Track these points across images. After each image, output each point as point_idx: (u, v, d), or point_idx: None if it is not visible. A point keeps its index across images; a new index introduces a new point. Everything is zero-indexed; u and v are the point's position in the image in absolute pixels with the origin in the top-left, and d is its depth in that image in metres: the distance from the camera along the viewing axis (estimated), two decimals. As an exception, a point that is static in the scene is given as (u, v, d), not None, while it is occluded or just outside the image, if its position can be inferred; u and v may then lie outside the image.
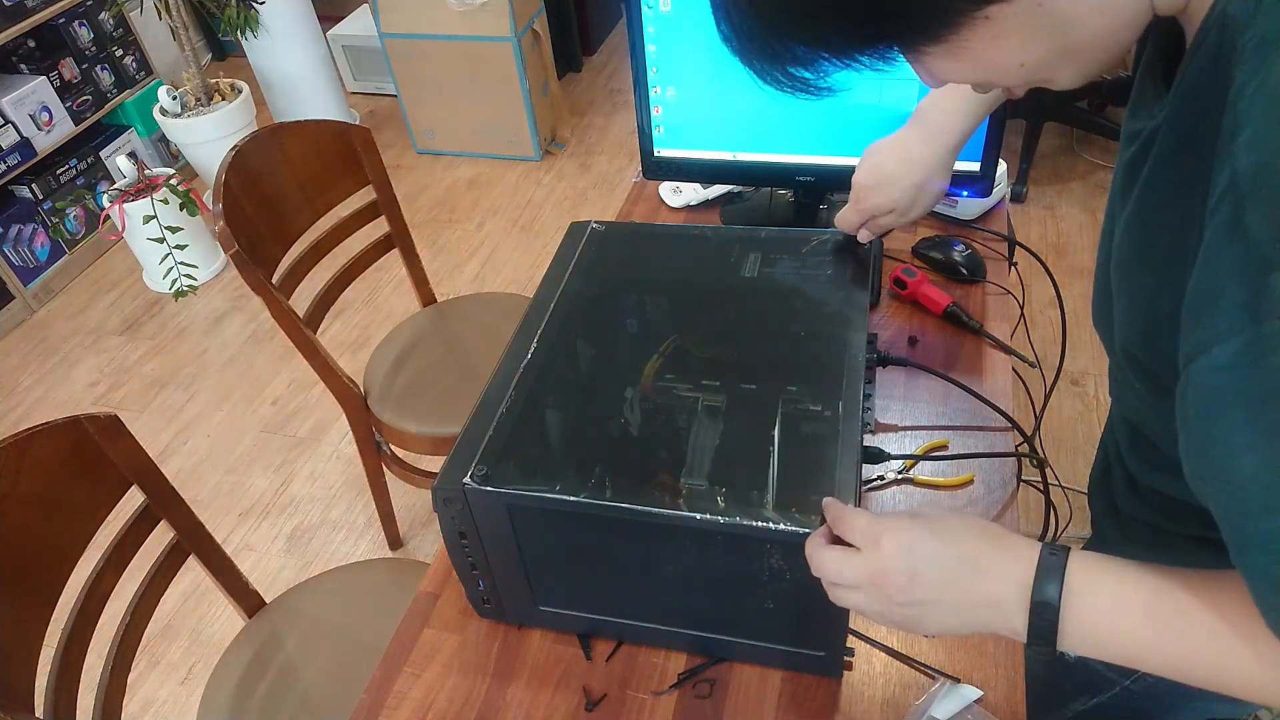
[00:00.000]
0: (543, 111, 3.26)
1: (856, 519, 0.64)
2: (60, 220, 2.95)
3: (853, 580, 0.63)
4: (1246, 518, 0.47)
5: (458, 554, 0.84)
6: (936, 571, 0.60)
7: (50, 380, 2.64)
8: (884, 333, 1.19)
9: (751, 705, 0.82)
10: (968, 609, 0.60)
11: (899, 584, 0.60)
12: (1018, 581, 0.57)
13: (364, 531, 2.10)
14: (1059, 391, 1.19)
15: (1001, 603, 0.58)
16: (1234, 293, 0.44)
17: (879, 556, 0.62)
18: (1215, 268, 0.45)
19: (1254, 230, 0.43)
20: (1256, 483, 0.45)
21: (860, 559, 0.63)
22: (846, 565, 0.63)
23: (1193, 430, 0.49)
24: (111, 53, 3.10)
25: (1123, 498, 0.82)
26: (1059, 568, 0.56)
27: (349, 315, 2.72)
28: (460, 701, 0.86)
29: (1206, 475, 0.49)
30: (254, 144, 1.51)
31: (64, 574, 1.03)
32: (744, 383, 0.83)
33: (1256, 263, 0.43)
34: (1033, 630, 0.57)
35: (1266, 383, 0.43)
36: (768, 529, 0.70)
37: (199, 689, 1.24)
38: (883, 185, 0.98)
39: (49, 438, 0.99)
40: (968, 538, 0.61)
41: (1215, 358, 0.45)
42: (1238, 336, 0.44)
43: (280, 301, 1.44)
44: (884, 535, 0.62)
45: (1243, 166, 0.44)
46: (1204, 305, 0.46)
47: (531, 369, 0.87)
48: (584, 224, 1.06)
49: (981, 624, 0.60)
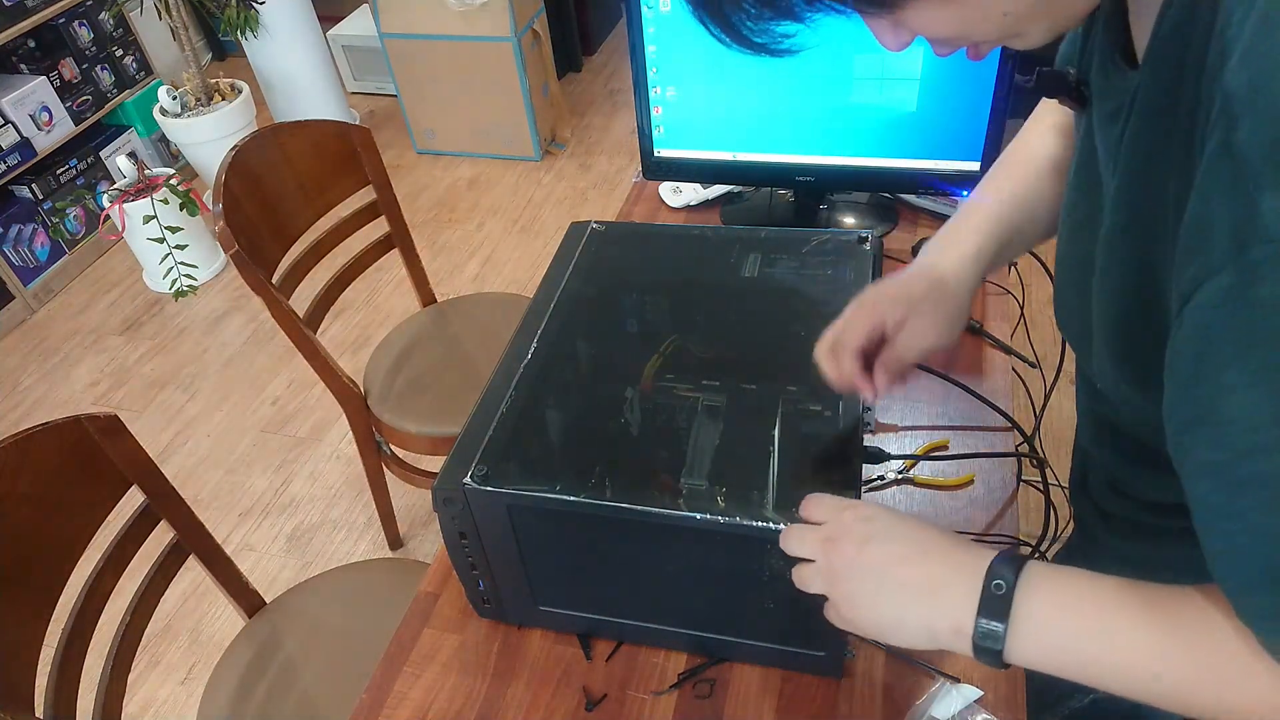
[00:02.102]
0: (543, 111, 3.26)
1: (825, 498, 0.64)
2: (60, 220, 2.95)
3: (810, 551, 0.62)
4: (1238, 458, 0.43)
5: (458, 554, 0.84)
6: (889, 544, 0.59)
7: (50, 380, 2.64)
8: (884, 333, 1.19)
9: (751, 705, 0.82)
10: (910, 593, 0.57)
11: (847, 554, 0.59)
12: (971, 569, 0.55)
13: (364, 531, 2.10)
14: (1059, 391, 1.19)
15: (948, 586, 0.55)
16: (1224, 222, 0.41)
17: (837, 523, 0.61)
18: (1206, 200, 0.43)
19: (1244, 149, 0.40)
20: (1245, 423, 0.42)
21: (818, 529, 0.63)
22: (806, 534, 0.63)
23: (1179, 375, 0.46)
24: (111, 53, 3.10)
25: (1104, 499, 0.82)
26: (1016, 560, 0.55)
27: (349, 315, 2.72)
28: (460, 701, 0.86)
29: (1193, 421, 0.46)
30: (254, 144, 1.51)
31: (64, 574, 1.03)
32: (744, 383, 0.83)
33: (1246, 184, 0.40)
34: (982, 612, 0.53)
35: (1254, 317, 0.40)
36: (768, 529, 0.70)
37: (199, 689, 1.24)
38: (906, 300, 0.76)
39: (49, 438, 0.99)
40: (930, 530, 0.59)
41: (1205, 293, 0.42)
42: (1228, 269, 0.41)
43: (280, 301, 1.44)
44: (848, 508, 0.62)
45: (1233, 87, 0.42)
46: (1195, 242, 0.43)
47: (531, 369, 0.87)
48: (584, 224, 1.06)
49: (919, 617, 0.57)
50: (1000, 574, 0.54)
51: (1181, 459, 0.48)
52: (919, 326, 0.74)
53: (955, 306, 0.75)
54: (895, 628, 0.58)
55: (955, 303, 0.75)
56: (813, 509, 0.65)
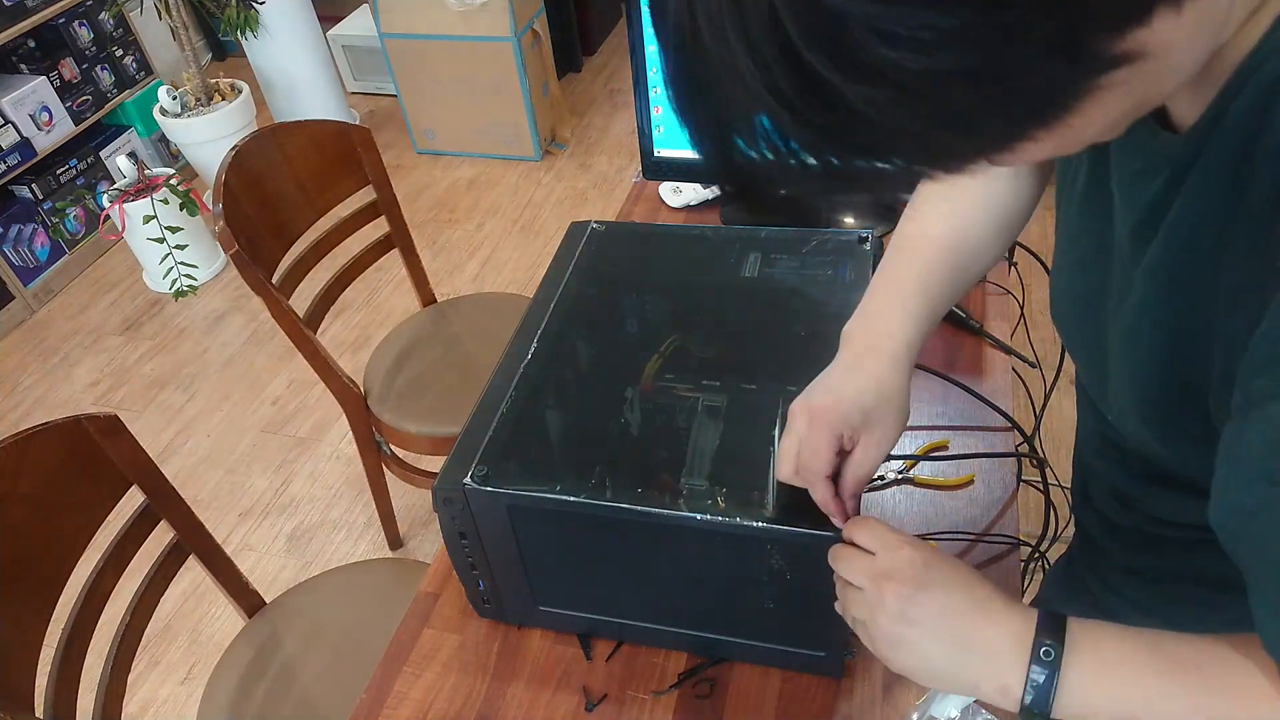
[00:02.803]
0: (543, 111, 3.26)
1: (877, 526, 0.64)
2: (60, 220, 2.94)
3: (860, 580, 0.62)
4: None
5: (458, 554, 0.84)
6: (947, 596, 0.58)
7: (50, 380, 2.64)
8: (884, 333, 1.19)
9: (751, 705, 0.82)
10: (961, 650, 0.58)
11: (902, 593, 0.59)
12: (1021, 634, 0.56)
13: (364, 532, 2.10)
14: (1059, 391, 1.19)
15: (1001, 652, 0.56)
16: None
17: (894, 558, 0.61)
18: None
19: None
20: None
21: (872, 559, 0.62)
22: (857, 561, 0.63)
23: (1242, 466, 0.47)
24: (111, 53, 3.09)
25: (1108, 509, 0.81)
26: (1058, 621, 0.55)
27: (349, 315, 2.72)
28: (460, 702, 0.86)
29: (1259, 510, 0.46)
30: (254, 144, 1.51)
31: (64, 574, 1.03)
32: (744, 383, 0.83)
33: None
34: (1031, 679, 0.54)
35: None
36: (767, 529, 0.70)
37: (199, 689, 1.24)
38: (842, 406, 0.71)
39: (49, 438, 0.99)
40: (986, 586, 0.60)
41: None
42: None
43: (280, 301, 1.44)
44: (907, 545, 0.61)
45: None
46: (1271, 356, 0.44)
47: (531, 369, 0.87)
48: (584, 224, 1.06)
49: (968, 674, 0.58)
50: (1046, 639, 0.55)
51: (1235, 539, 0.49)
52: (875, 439, 0.70)
53: (902, 409, 0.72)
54: (936, 677, 0.59)
55: (902, 404, 0.72)
56: (864, 535, 0.64)
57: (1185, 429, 0.57)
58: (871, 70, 0.32)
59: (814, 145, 0.38)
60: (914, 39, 0.31)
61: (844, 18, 0.31)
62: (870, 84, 0.33)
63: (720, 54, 0.35)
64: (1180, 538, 0.73)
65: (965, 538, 0.94)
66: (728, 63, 0.35)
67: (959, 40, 0.31)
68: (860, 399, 0.69)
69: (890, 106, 0.34)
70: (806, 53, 0.33)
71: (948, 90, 0.33)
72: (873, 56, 0.32)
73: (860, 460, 0.69)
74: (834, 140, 0.37)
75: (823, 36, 0.32)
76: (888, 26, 0.31)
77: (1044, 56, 0.33)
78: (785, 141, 0.38)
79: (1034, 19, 0.31)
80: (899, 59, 0.32)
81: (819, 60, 0.33)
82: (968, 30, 0.31)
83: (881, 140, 0.37)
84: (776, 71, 0.34)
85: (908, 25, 0.31)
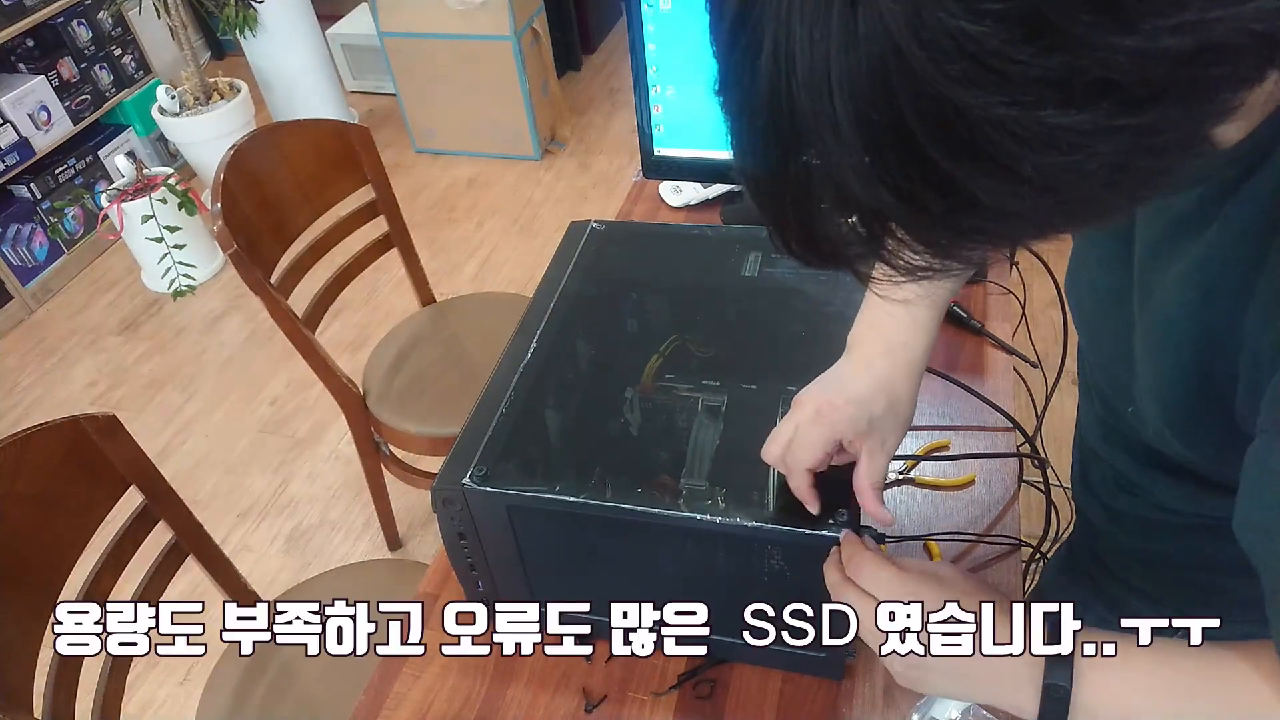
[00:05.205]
0: (542, 110, 3.26)
1: (875, 564, 0.64)
2: (59, 220, 2.94)
3: (863, 620, 0.62)
4: None
5: (457, 554, 0.83)
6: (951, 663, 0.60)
7: (49, 380, 2.63)
8: (884, 332, 1.18)
9: (751, 706, 0.82)
10: (969, 686, 0.60)
11: (909, 659, 0.60)
12: (1029, 674, 0.57)
13: (363, 532, 2.10)
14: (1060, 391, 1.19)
15: (1011, 675, 0.57)
16: None
17: (903, 608, 0.61)
18: None
19: None
20: None
21: (873, 604, 0.62)
22: (861, 605, 0.63)
23: (1267, 495, 0.48)
24: (110, 52, 3.09)
25: (1110, 496, 0.82)
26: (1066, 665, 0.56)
27: (348, 315, 2.71)
28: (460, 702, 0.86)
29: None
30: (252, 143, 1.51)
31: (63, 574, 1.03)
32: (744, 383, 0.82)
33: None
34: (1045, 698, 0.55)
35: None
36: (767, 529, 0.70)
37: (198, 689, 1.23)
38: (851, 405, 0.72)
39: (47, 438, 0.99)
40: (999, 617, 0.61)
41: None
42: None
43: (279, 301, 1.44)
44: (908, 587, 0.62)
45: None
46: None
47: (531, 369, 0.86)
48: (584, 223, 1.06)
49: (987, 697, 0.60)
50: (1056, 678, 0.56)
51: (1255, 549, 0.50)
52: (878, 444, 0.70)
53: (907, 417, 0.72)
54: (958, 696, 0.63)
55: (908, 413, 0.72)
56: (864, 579, 0.64)
57: (1209, 431, 0.58)
58: (1000, 165, 0.32)
59: (914, 226, 0.37)
60: (1050, 139, 0.31)
61: (976, 116, 0.31)
62: (996, 178, 0.33)
63: (820, 130, 0.33)
64: (1182, 523, 0.73)
65: (966, 538, 0.94)
66: (830, 142, 0.34)
67: (1095, 138, 0.31)
68: (871, 405, 0.69)
69: (1012, 197, 0.33)
70: (929, 148, 0.32)
71: (1078, 182, 0.33)
72: (1005, 154, 0.32)
73: (870, 466, 0.70)
74: (936, 224, 0.36)
75: (950, 133, 0.32)
76: (1024, 129, 0.31)
77: (1173, 146, 0.33)
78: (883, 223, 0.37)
79: (1167, 118, 0.31)
80: (1033, 157, 0.32)
81: (941, 153, 0.32)
82: (1104, 130, 0.31)
83: (991, 224, 0.36)
84: (889, 158, 0.33)
85: (1046, 126, 0.31)
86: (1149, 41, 0.29)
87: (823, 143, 0.34)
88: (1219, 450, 0.57)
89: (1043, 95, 0.30)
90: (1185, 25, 0.29)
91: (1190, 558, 0.75)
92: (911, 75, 0.31)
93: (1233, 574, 0.57)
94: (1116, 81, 0.30)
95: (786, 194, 0.38)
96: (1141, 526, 0.78)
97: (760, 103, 0.35)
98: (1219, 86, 0.32)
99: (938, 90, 0.31)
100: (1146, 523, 0.77)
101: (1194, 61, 0.30)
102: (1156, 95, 0.30)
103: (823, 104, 0.33)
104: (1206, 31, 0.29)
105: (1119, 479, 0.79)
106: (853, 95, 0.32)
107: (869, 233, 0.38)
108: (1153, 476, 0.74)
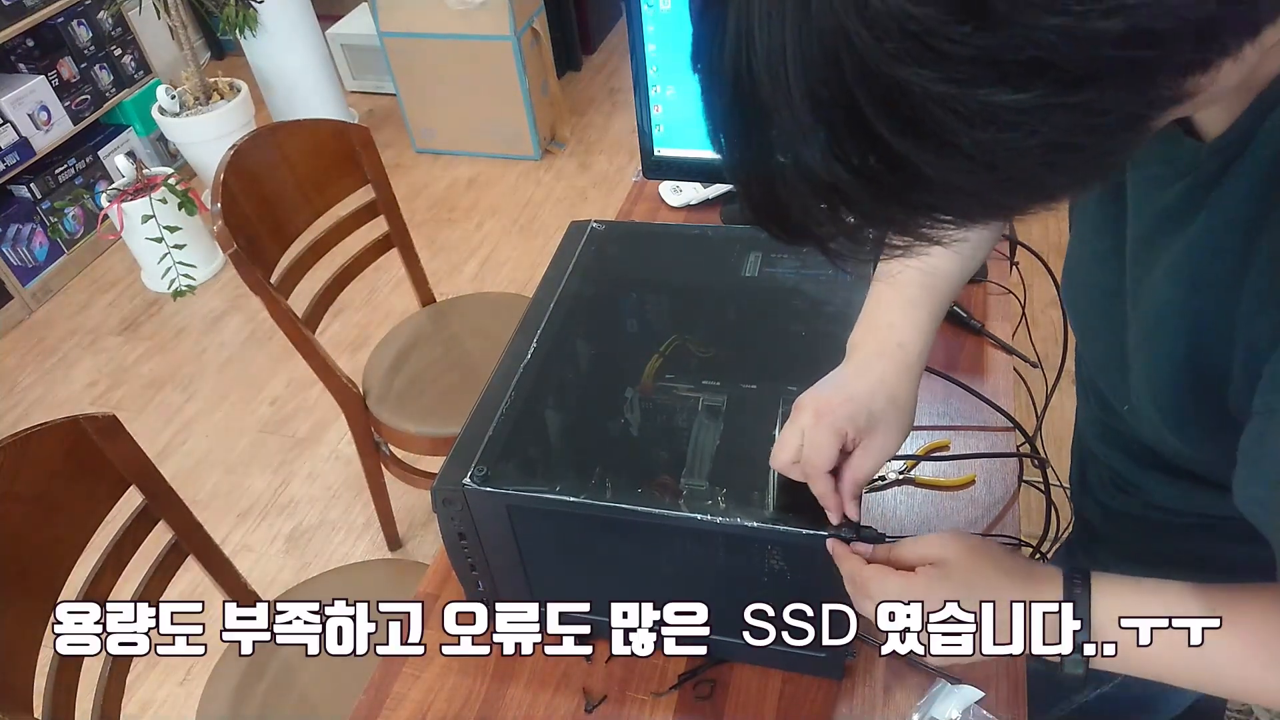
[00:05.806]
0: (542, 110, 3.26)
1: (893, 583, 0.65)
2: (59, 220, 2.94)
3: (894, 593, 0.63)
4: None
5: (457, 554, 0.83)
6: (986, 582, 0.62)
7: (49, 380, 2.63)
8: (884, 332, 1.18)
9: (751, 706, 0.82)
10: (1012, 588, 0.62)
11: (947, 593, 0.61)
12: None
13: (363, 532, 2.10)
14: (1060, 392, 1.19)
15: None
16: None
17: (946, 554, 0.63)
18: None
19: None
20: None
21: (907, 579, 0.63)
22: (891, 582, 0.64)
23: (1266, 474, 0.50)
24: (110, 52, 3.09)
25: (1108, 496, 0.82)
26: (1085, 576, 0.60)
27: (348, 315, 2.71)
28: (460, 702, 0.86)
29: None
30: (252, 143, 1.51)
31: (63, 574, 1.03)
32: (744, 383, 0.82)
33: None
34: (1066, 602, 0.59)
35: None
36: (767, 529, 0.70)
37: (198, 689, 1.23)
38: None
39: (47, 438, 0.99)
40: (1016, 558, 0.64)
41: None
42: None
43: (279, 301, 1.44)
44: (935, 583, 0.63)
45: None
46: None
47: (531, 369, 0.86)
48: (584, 223, 1.06)
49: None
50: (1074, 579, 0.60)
51: (1261, 524, 0.52)
52: (878, 443, 0.70)
53: (908, 417, 0.72)
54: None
55: (909, 413, 0.72)
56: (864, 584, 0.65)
57: (1203, 422, 0.58)
58: (943, 142, 0.33)
59: (868, 200, 0.38)
60: (989, 116, 0.32)
61: (918, 94, 0.32)
62: (940, 154, 0.34)
63: (777, 106, 0.35)
64: (1179, 523, 0.73)
65: (966, 538, 0.94)
66: (786, 117, 0.35)
67: (1032, 117, 0.32)
68: (870, 401, 0.69)
69: (957, 172, 0.35)
70: (877, 123, 0.33)
71: (1018, 160, 0.34)
72: (947, 130, 0.33)
73: (860, 463, 0.69)
74: (889, 198, 0.37)
75: (895, 110, 0.33)
76: (963, 106, 0.32)
77: (1114, 128, 0.34)
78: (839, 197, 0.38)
79: (1105, 100, 0.32)
80: (972, 133, 0.33)
81: (888, 129, 0.33)
82: (1041, 109, 0.32)
83: (939, 200, 0.38)
84: (841, 133, 0.35)
85: (984, 104, 0.32)
86: (1079, 22, 0.30)
87: (781, 118, 0.36)
88: (1214, 443, 0.58)
89: (979, 73, 0.31)
90: (1115, 8, 0.30)
91: (1186, 558, 0.75)
92: (858, 54, 0.32)
93: (1231, 573, 0.58)
94: (1051, 62, 0.31)
95: (755, 168, 0.39)
96: (1139, 527, 0.78)
97: (726, 79, 0.37)
98: (1156, 70, 0.32)
99: (882, 68, 0.32)
100: (1144, 523, 0.77)
101: (1126, 44, 0.31)
102: (1092, 76, 0.31)
103: (780, 81, 0.34)
104: (1136, 15, 0.30)
105: (1116, 479, 0.79)
106: (806, 73, 0.34)
107: (829, 207, 0.39)
108: (1150, 476, 0.74)
